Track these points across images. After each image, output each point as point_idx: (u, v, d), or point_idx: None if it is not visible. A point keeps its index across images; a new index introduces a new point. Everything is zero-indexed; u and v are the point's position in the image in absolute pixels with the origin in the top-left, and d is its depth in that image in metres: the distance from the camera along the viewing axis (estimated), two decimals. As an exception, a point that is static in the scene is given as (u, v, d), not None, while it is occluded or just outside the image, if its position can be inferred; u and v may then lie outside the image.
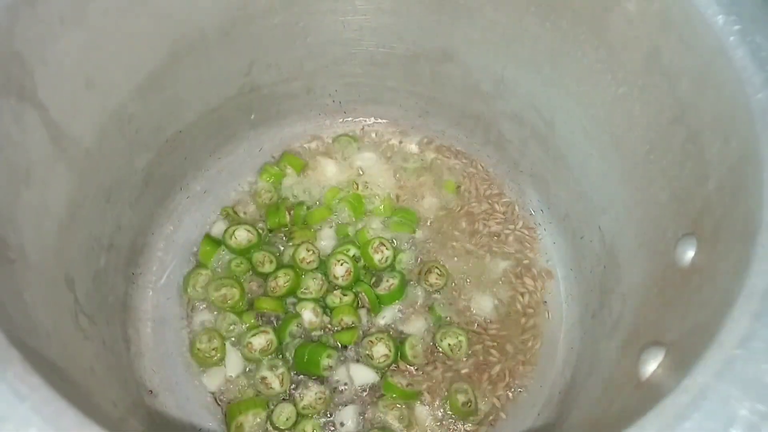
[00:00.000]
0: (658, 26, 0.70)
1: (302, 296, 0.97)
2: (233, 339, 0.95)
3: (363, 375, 0.95)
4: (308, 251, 1.00)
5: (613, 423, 0.59)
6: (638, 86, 0.77)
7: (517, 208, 1.09)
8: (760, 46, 0.60)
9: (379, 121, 1.14)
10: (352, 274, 0.99)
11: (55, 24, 0.66)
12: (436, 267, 1.01)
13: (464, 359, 0.96)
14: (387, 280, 0.99)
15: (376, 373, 0.94)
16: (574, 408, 0.80)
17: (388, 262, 1.00)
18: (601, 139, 0.88)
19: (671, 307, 0.64)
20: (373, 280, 1.00)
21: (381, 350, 0.95)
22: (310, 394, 0.92)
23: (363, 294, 0.98)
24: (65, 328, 0.67)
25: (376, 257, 1.00)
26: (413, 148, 1.13)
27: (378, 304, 0.98)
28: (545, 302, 1.02)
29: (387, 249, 1.00)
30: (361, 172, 1.09)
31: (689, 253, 0.65)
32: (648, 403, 0.53)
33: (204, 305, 0.98)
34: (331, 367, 0.93)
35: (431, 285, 1.00)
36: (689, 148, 0.69)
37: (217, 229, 1.04)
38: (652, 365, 0.59)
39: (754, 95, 0.58)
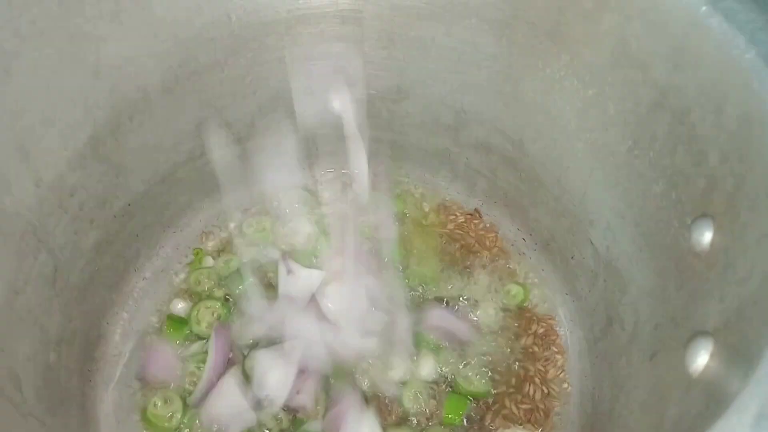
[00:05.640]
0: (620, 17, 0.69)
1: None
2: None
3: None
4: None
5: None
6: (608, 83, 0.74)
7: (496, 241, 1.03)
8: (734, 10, 0.58)
9: (341, 172, 1.09)
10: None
11: (-24, 81, 0.58)
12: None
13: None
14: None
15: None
16: (611, 434, 0.72)
17: None
18: (576, 148, 0.85)
19: (702, 295, 0.59)
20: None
21: None
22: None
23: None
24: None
25: None
26: (379, 196, 1.07)
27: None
28: (547, 338, 0.95)
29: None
30: (327, 227, 1.02)
31: (707, 236, 0.60)
32: (710, 401, 0.47)
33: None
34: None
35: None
36: (677, 130, 0.66)
37: (179, 308, 0.94)
38: (702, 357, 0.52)
39: (742, 56, 0.56)
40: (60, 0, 0.66)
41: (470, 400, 0.87)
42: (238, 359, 0.89)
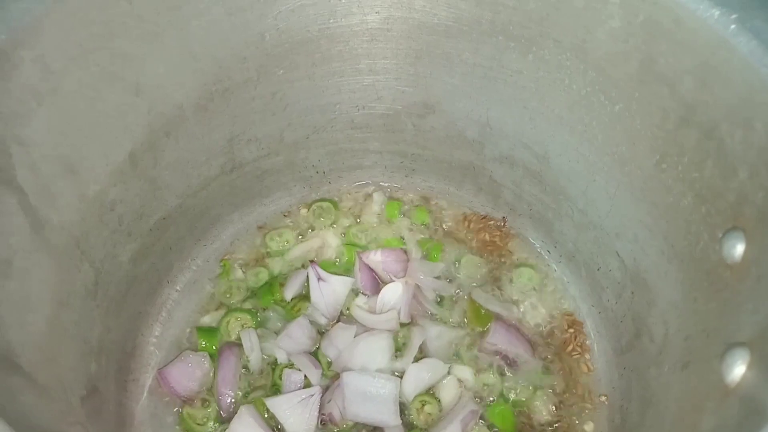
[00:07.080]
0: (647, 36, 0.70)
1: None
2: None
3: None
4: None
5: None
6: (635, 99, 0.76)
7: (519, 254, 1.05)
8: (761, 29, 0.60)
9: (366, 184, 1.11)
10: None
11: (29, 100, 0.61)
12: None
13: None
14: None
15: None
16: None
17: None
18: (602, 162, 0.86)
19: (734, 306, 0.60)
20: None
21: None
22: None
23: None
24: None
25: None
26: (404, 209, 1.09)
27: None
28: (573, 348, 0.96)
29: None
30: (357, 238, 1.04)
31: (738, 248, 0.61)
32: (749, 411, 0.48)
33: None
34: None
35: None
36: (706, 145, 0.67)
37: (208, 320, 0.96)
38: (739, 368, 0.53)
39: (772, 73, 0.57)
40: (106, 22, 0.68)
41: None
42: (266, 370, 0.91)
